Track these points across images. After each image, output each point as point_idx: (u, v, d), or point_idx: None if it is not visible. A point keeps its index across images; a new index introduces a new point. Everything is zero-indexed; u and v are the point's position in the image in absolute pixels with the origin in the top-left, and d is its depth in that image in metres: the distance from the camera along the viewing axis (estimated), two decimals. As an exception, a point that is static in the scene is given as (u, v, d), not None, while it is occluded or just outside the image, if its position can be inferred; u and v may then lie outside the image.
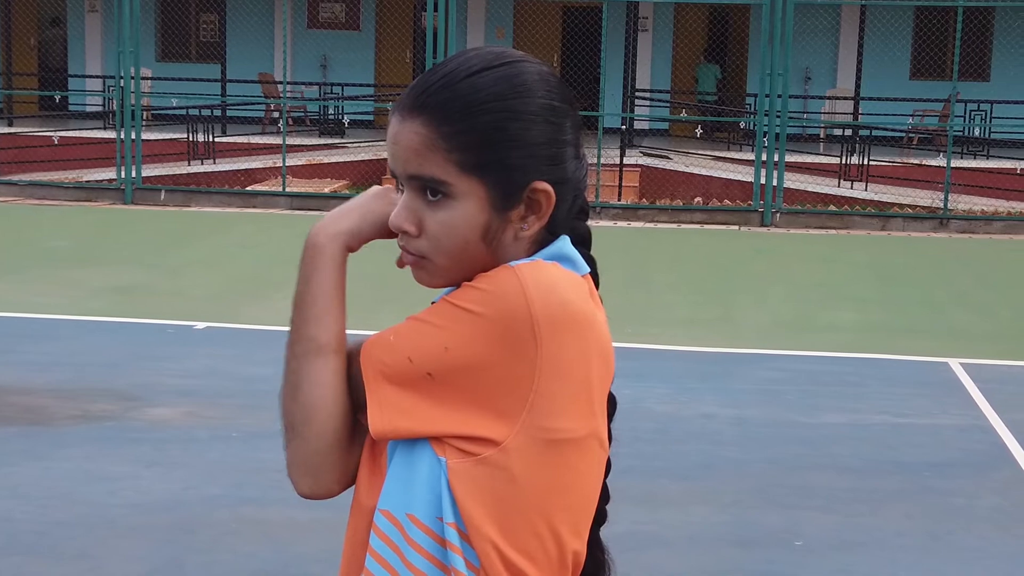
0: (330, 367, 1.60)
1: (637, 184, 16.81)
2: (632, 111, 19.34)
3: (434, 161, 1.48)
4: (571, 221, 1.57)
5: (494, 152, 1.48)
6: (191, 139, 17.81)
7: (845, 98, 21.26)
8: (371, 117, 22.43)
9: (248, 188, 16.79)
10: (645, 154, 18.17)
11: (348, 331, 1.65)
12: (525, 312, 1.45)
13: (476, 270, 1.51)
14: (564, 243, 1.56)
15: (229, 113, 21.04)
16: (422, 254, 1.54)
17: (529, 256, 1.53)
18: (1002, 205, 16.43)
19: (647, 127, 21.76)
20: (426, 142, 1.49)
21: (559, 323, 1.46)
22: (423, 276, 1.57)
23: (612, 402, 1.60)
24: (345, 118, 21.17)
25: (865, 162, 16.92)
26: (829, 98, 21.46)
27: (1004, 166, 17.88)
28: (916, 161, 18.14)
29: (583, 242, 1.59)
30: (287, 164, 16.55)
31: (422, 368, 1.49)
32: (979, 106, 19.59)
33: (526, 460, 1.48)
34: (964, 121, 19.68)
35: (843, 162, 17.13)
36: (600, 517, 1.62)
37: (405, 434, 1.50)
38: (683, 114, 20.59)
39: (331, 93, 22.24)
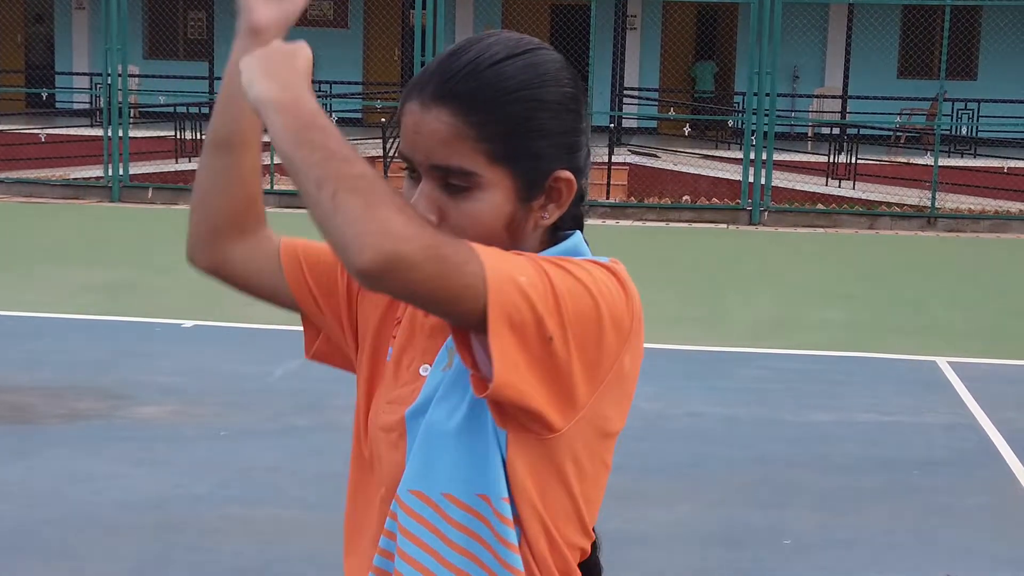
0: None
1: (625, 182, 16.82)
2: (620, 109, 19.35)
3: (462, 151, 1.45)
4: (574, 207, 1.57)
5: (522, 142, 1.47)
6: (179, 136, 17.78)
7: (833, 96, 21.30)
8: (359, 115, 22.42)
9: (236, 186, 16.75)
10: (633, 152, 18.18)
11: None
12: (624, 303, 1.47)
13: None
14: (580, 238, 1.57)
15: (217, 111, 20.96)
16: None
17: (544, 247, 1.54)
18: (989, 204, 16.48)
19: (635, 125, 21.78)
20: (454, 132, 1.45)
21: (640, 320, 1.51)
22: None
23: None
24: (333, 116, 21.15)
25: (853, 161, 16.95)
26: (817, 96, 21.50)
27: (991, 165, 17.93)
28: (904, 160, 18.19)
29: (579, 225, 1.60)
30: (274, 161, 16.52)
31: (548, 330, 1.40)
32: (966, 105, 19.64)
33: (581, 445, 1.50)
34: (951, 120, 19.73)
35: (831, 161, 17.16)
36: None
37: (511, 395, 1.40)
38: (671, 112, 20.60)
39: (319, 91, 22.22)
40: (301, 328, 1.82)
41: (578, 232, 1.58)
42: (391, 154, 17.28)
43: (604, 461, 1.55)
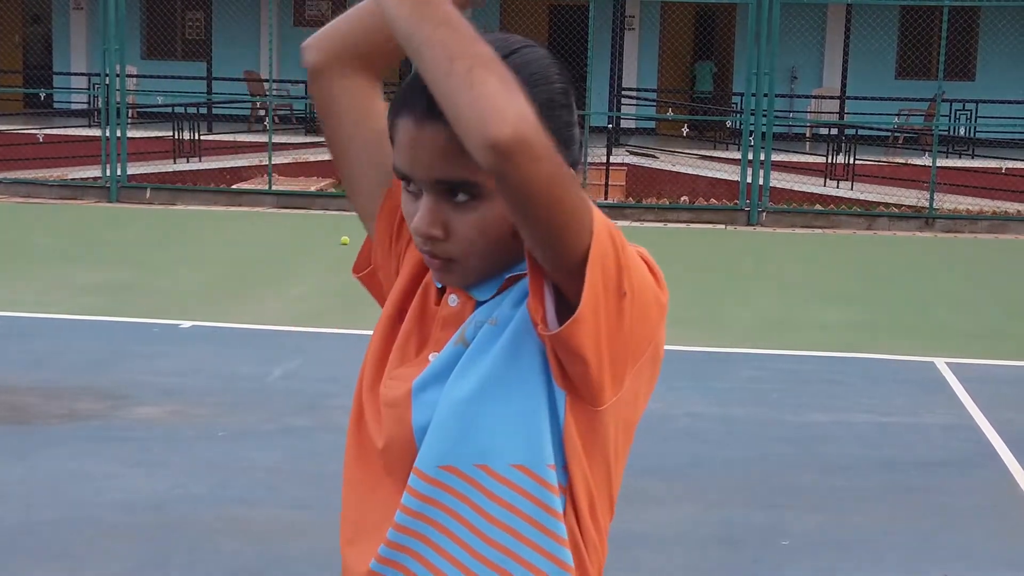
0: None
1: (624, 183, 16.82)
2: (619, 110, 19.35)
3: (463, 163, 1.43)
4: None
5: None
6: (177, 137, 17.77)
7: (831, 97, 21.30)
8: (357, 115, 22.38)
9: (234, 186, 16.76)
10: (632, 153, 18.19)
11: (341, 331, 1.63)
12: (655, 283, 1.50)
13: (505, 264, 1.51)
14: None
15: (215, 111, 21.01)
16: (450, 257, 1.50)
17: None
18: (987, 204, 16.48)
19: (634, 126, 21.78)
20: (453, 145, 1.41)
21: (666, 311, 1.53)
22: (451, 278, 1.53)
23: None
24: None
25: (851, 161, 16.96)
26: (815, 97, 21.51)
27: (989, 165, 17.94)
28: (902, 160, 18.19)
29: None
30: (273, 162, 16.53)
31: (624, 286, 1.43)
32: (964, 105, 19.65)
33: (620, 423, 1.52)
34: (949, 120, 19.74)
35: (829, 161, 17.16)
36: None
37: (582, 339, 1.40)
38: (670, 113, 20.61)
39: (317, 91, 22.18)
40: (299, 329, 1.82)
41: None
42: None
43: (627, 448, 1.57)
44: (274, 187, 16.24)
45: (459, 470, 1.48)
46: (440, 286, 1.58)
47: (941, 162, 16.45)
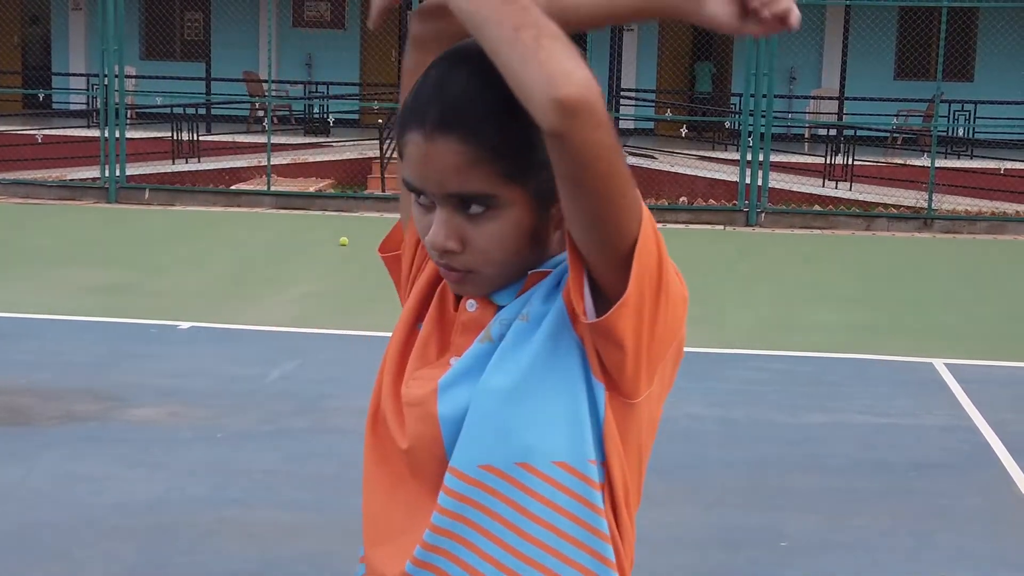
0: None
1: (622, 184, 16.79)
2: (617, 110, 19.35)
3: (476, 176, 1.44)
4: None
5: (532, 154, 1.45)
6: (175, 138, 17.77)
7: (830, 98, 21.31)
8: (356, 116, 22.41)
9: (233, 187, 16.75)
10: (630, 154, 18.18)
11: (340, 332, 1.62)
12: (680, 284, 1.52)
13: (522, 272, 1.52)
14: None
15: (214, 112, 21.00)
16: (468, 268, 1.50)
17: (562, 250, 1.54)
18: (986, 205, 16.48)
19: (632, 126, 21.78)
20: (465, 159, 1.43)
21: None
22: (470, 288, 1.53)
23: None
24: (330, 117, 21.15)
25: (850, 162, 16.95)
26: (814, 98, 21.51)
27: (988, 166, 17.94)
28: (900, 161, 18.19)
29: None
30: (272, 163, 16.52)
31: (662, 278, 1.47)
32: (963, 106, 19.66)
33: (647, 415, 1.54)
34: (948, 121, 19.74)
35: (828, 162, 17.16)
36: None
37: (624, 325, 1.43)
38: (668, 114, 20.60)
39: (316, 92, 22.21)
40: (297, 330, 1.82)
41: None
42: (388, 155, 17.26)
43: (652, 443, 1.59)
44: (273, 188, 16.24)
45: (499, 470, 1.47)
46: (458, 296, 1.58)
47: (940, 163, 16.45)
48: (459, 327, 1.56)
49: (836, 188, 16.76)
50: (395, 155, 1.58)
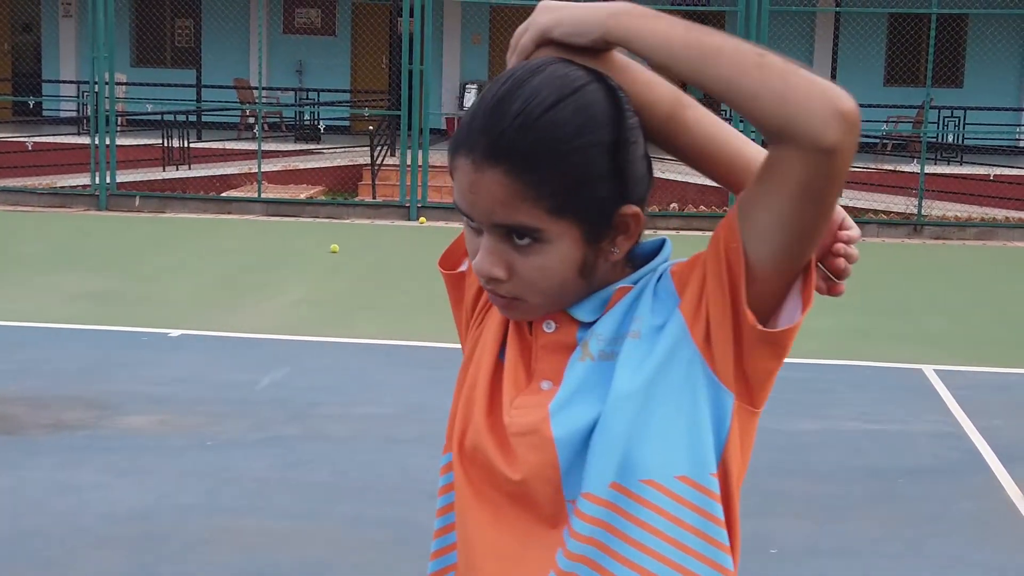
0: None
1: (613, 190, 16.82)
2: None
3: (523, 210, 1.40)
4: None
5: (583, 191, 1.42)
6: (166, 145, 17.76)
7: (820, 104, 21.31)
8: (347, 123, 22.42)
9: (223, 194, 16.74)
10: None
11: (331, 339, 1.61)
12: None
13: (572, 300, 1.50)
14: (669, 243, 1.58)
15: (204, 119, 20.99)
16: (514, 296, 1.48)
17: (625, 275, 1.52)
18: (975, 211, 16.52)
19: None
20: (512, 192, 1.40)
21: None
22: (517, 314, 1.51)
23: None
24: (321, 124, 21.16)
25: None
26: (804, 104, 21.52)
27: (977, 172, 17.99)
28: (890, 167, 18.23)
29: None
30: (263, 170, 16.52)
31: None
32: (952, 112, 19.72)
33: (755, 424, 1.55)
34: (938, 127, 19.79)
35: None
36: None
37: (792, 334, 1.47)
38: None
39: (307, 99, 22.22)
40: (288, 337, 1.81)
41: (665, 238, 1.58)
42: (379, 162, 17.27)
43: None
44: (263, 195, 16.23)
45: (625, 488, 1.45)
46: None
47: (929, 169, 16.50)
48: (539, 351, 1.53)
49: (826, 194, 16.77)
50: (455, 206, 1.54)
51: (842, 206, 1.63)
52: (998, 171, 17.85)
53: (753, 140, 1.57)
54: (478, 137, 1.41)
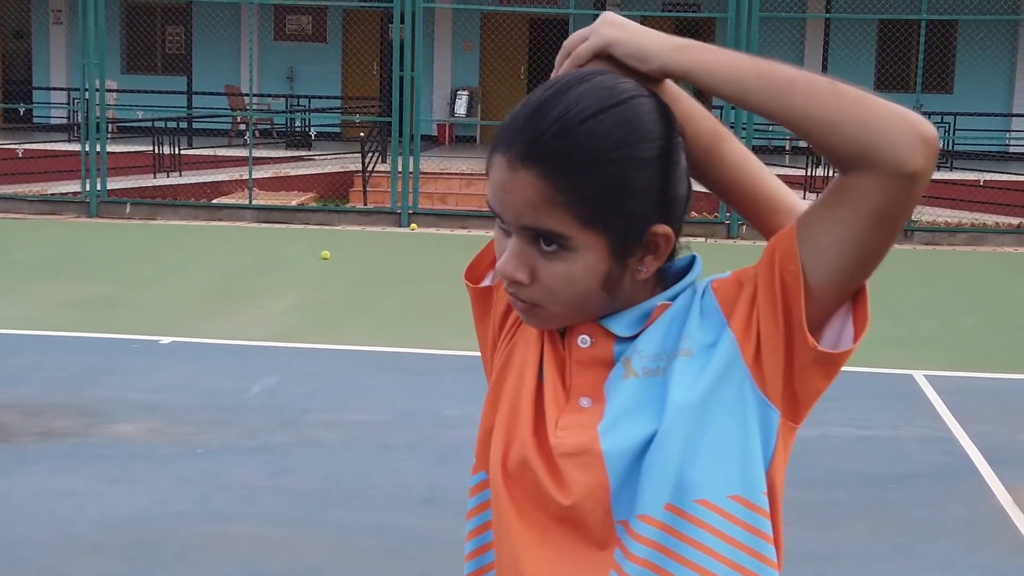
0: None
1: (604, 196, 16.83)
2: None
3: (552, 215, 1.39)
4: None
5: (616, 204, 1.40)
6: (157, 152, 17.75)
7: (810, 110, 21.36)
8: (338, 129, 22.42)
9: (214, 201, 16.74)
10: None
11: (321, 346, 1.61)
12: None
13: (593, 314, 1.48)
14: (699, 261, 1.56)
15: (195, 125, 20.99)
16: (535, 302, 1.46)
17: (655, 291, 1.50)
18: (966, 217, 16.57)
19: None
20: (545, 196, 1.38)
21: None
22: (535, 322, 1.50)
23: None
24: (312, 130, 21.15)
25: (830, 174, 17.01)
26: (794, 110, 21.57)
27: (968, 178, 18.03)
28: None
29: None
30: (253, 177, 16.51)
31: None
32: (942, 118, 19.76)
33: None
34: (928, 133, 19.79)
35: (808, 174, 17.23)
36: None
37: (841, 359, 1.49)
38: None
39: (298, 105, 22.22)
40: (279, 344, 1.80)
41: (695, 255, 1.56)
42: (370, 169, 17.27)
43: None
44: (254, 201, 16.22)
45: (680, 508, 1.44)
46: (562, 331, 1.52)
47: (920, 175, 16.51)
48: (574, 365, 1.50)
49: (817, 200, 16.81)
50: (487, 206, 1.52)
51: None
52: (988, 177, 17.90)
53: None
54: (516, 137, 1.40)
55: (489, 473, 1.54)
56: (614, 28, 1.49)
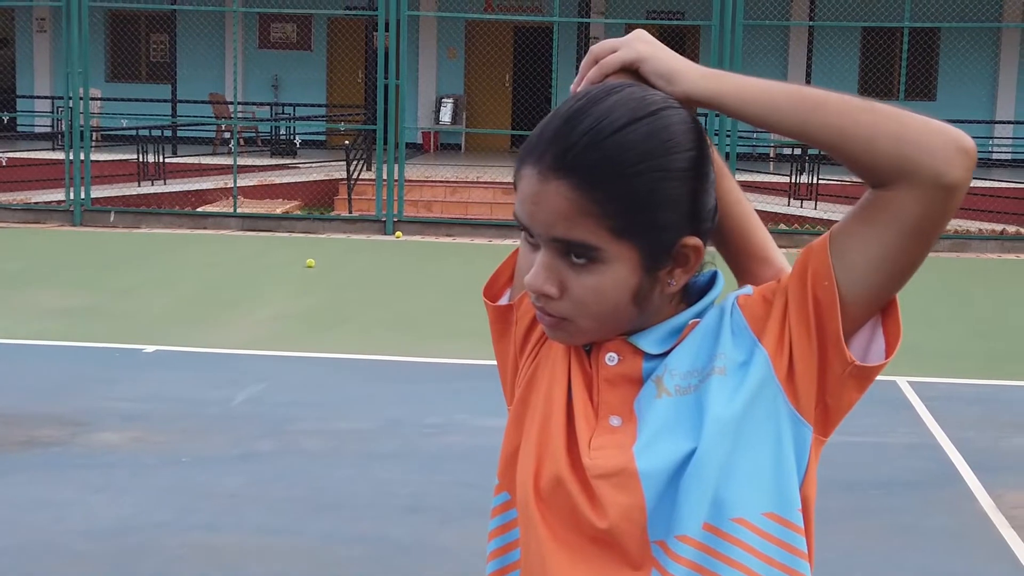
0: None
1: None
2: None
3: (584, 226, 1.38)
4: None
5: (648, 215, 1.39)
6: (141, 160, 17.71)
7: (794, 118, 21.42)
8: (323, 137, 22.40)
9: (199, 209, 16.71)
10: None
11: (306, 354, 1.60)
12: None
13: (621, 328, 1.46)
14: (721, 275, 1.55)
15: (180, 134, 20.95)
16: (563, 316, 1.44)
17: (680, 307, 1.49)
18: (949, 223, 16.60)
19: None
20: (575, 207, 1.37)
21: None
22: (562, 336, 1.47)
23: None
24: (297, 138, 21.13)
25: (815, 181, 17.07)
26: (779, 118, 21.63)
27: (951, 185, 18.07)
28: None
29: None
30: (238, 185, 16.49)
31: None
32: (926, 125, 19.78)
33: None
34: (911, 140, 19.87)
35: (793, 181, 17.27)
36: None
37: (876, 372, 1.48)
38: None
39: (283, 113, 22.19)
40: (263, 353, 1.79)
41: (716, 270, 1.54)
42: (355, 176, 17.26)
43: None
44: (239, 210, 16.20)
45: (717, 528, 1.43)
46: (587, 348, 1.50)
47: (903, 182, 16.57)
48: (602, 383, 1.48)
49: (801, 207, 16.87)
50: (514, 218, 1.49)
51: (818, 219, 1.65)
52: (971, 183, 17.94)
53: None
54: (547, 148, 1.39)
55: (517, 494, 1.51)
56: (647, 45, 1.50)
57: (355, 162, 17.33)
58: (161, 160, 18.00)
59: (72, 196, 16.05)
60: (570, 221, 1.38)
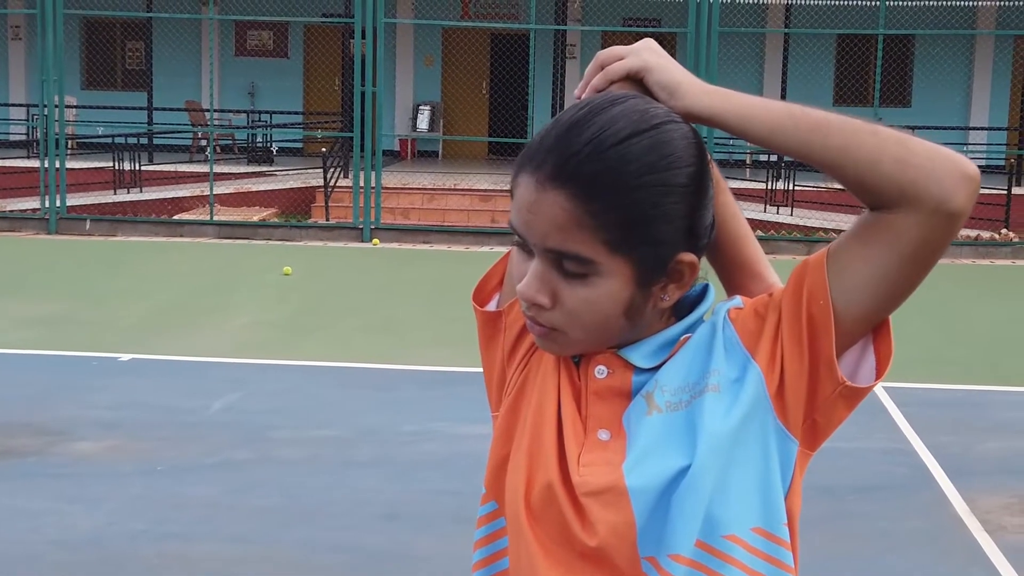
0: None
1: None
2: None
3: (580, 239, 1.36)
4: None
5: (645, 230, 1.38)
6: (117, 168, 17.65)
7: (770, 124, 21.49)
8: (300, 145, 22.37)
9: (175, 217, 16.66)
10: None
11: (283, 362, 1.60)
12: None
13: (611, 341, 1.45)
14: (712, 294, 1.53)
15: (156, 141, 20.89)
16: (554, 326, 1.42)
17: (670, 321, 1.48)
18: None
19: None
20: (572, 219, 1.36)
21: None
22: (552, 347, 1.46)
23: None
24: (273, 146, 21.10)
25: (791, 187, 17.14)
26: (755, 124, 21.70)
27: (926, 191, 18.17)
28: (841, 186, 18.38)
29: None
30: (215, 192, 16.45)
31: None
32: (901, 132, 19.88)
33: None
34: (886, 147, 19.97)
35: (769, 187, 17.34)
36: None
37: (865, 393, 1.47)
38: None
39: (259, 121, 22.15)
40: (240, 360, 1.78)
41: (707, 283, 1.53)
42: (332, 184, 17.24)
43: None
44: (216, 217, 16.16)
45: (709, 545, 1.42)
46: (576, 360, 1.49)
47: (878, 188, 16.65)
48: (591, 396, 1.47)
49: (778, 213, 16.93)
50: (509, 226, 1.48)
51: (795, 226, 1.65)
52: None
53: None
54: (546, 157, 1.38)
55: (506, 505, 1.50)
56: (654, 55, 1.48)
57: (332, 169, 17.31)
58: (137, 168, 17.94)
59: (47, 204, 15.98)
60: (566, 232, 1.37)
